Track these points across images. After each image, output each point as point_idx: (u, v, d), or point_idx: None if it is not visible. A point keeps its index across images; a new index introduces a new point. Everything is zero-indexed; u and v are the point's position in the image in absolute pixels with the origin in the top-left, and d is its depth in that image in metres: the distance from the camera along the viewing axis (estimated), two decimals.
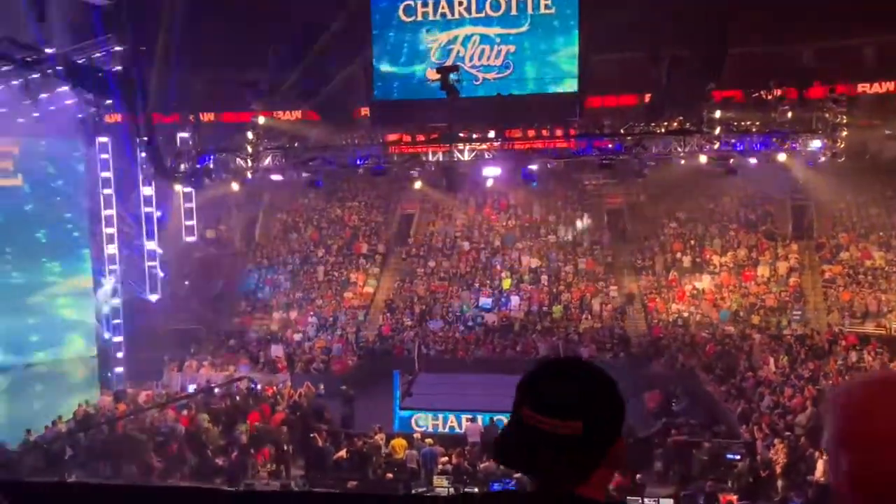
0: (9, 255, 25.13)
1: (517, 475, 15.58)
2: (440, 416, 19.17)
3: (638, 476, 14.86)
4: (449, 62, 27.42)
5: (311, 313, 28.68)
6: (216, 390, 21.31)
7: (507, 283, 29.39)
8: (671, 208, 31.54)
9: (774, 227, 29.95)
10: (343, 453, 17.19)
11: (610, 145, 24.51)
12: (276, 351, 24.65)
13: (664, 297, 28.09)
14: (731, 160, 23.41)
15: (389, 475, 16.25)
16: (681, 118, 24.30)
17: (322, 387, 21.68)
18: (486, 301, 28.60)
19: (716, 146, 23.11)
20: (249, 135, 24.86)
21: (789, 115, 22.89)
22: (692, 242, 30.08)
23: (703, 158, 23.56)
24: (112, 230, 25.67)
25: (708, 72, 25.37)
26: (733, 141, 23.12)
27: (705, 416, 19.10)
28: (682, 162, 24.65)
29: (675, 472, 16.40)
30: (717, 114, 23.49)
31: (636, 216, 31.93)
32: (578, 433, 1.62)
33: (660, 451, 17.22)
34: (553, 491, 1.65)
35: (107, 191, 25.57)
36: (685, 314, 27.19)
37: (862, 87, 25.45)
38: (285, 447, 17.85)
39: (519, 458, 1.68)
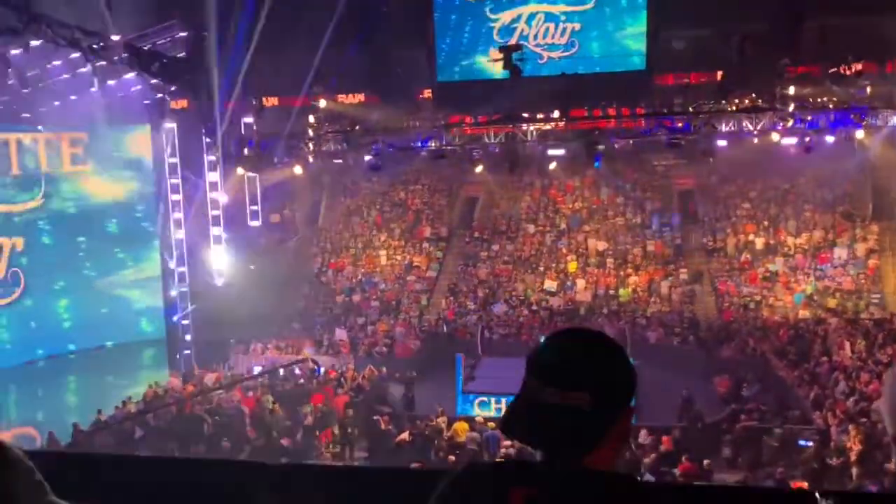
0: (81, 242, 25.74)
1: None
2: (503, 399, 18.79)
3: (706, 462, 14.36)
4: (512, 41, 27.01)
5: (374, 297, 28.65)
6: (280, 372, 21.44)
7: (572, 267, 28.84)
8: (743, 189, 30.50)
9: (853, 208, 28.66)
10: (405, 436, 17.06)
11: (679, 124, 23.76)
12: (340, 334, 24.67)
13: (735, 280, 27.20)
14: (807, 138, 22.42)
15: (451, 458, 16.05)
16: (753, 95, 23.43)
17: (384, 370, 21.61)
18: (550, 284, 28.10)
19: (789, 124, 22.19)
20: (311, 119, 24.87)
21: (868, 90, 21.86)
22: (765, 224, 29.05)
23: (775, 136, 22.67)
24: (179, 215, 26.05)
25: (782, 47, 24.43)
26: (808, 118, 22.19)
27: (776, 401, 18.38)
28: (755, 141, 23.78)
29: (745, 458, 15.88)
30: (792, 90, 22.57)
31: (707, 197, 30.97)
32: (586, 405, 1.59)
33: (728, 436, 16.73)
34: (559, 463, 1.61)
35: (173, 176, 25.95)
36: (757, 297, 26.27)
37: None
38: (348, 429, 17.80)
39: (525, 430, 1.66)
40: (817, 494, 1.57)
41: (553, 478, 1.60)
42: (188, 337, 24.54)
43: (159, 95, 25.91)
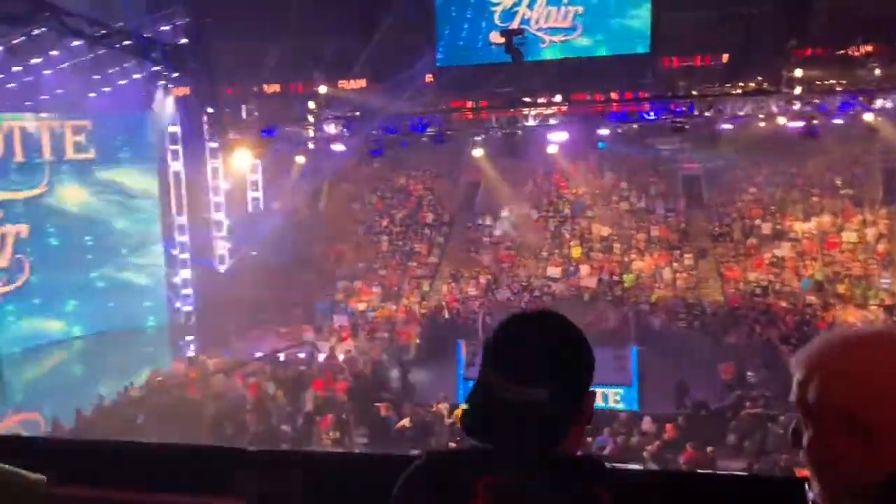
0: (84, 229, 25.71)
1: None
2: None
3: (709, 449, 14.23)
4: (514, 25, 26.76)
5: (376, 283, 28.56)
6: (281, 357, 21.43)
7: (576, 252, 28.68)
8: (750, 173, 30.21)
9: (862, 192, 28.37)
10: (406, 422, 16.99)
11: (683, 108, 23.53)
12: (341, 320, 24.62)
13: (742, 266, 26.98)
14: (814, 121, 22.16)
15: (452, 444, 15.97)
16: (759, 78, 23.17)
17: (385, 356, 21.52)
18: (554, 271, 27.95)
19: (796, 107, 21.94)
20: (312, 105, 24.71)
21: (877, 72, 21.58)
22: (772, 208, 28.78)
23: (782, 120, 22.43)
24: (181, 202, 26.04)
25: (789, 29, 24.15)
26: (816, 101, 21.91)
27: (783, 388, 18.13)
28: (762, 124, 23.52)
29: (749, 445, 15.73)
30: (799, 73, 22.26)
31: (712, 182, 30.72)
32: (544, 398, 1.54)
33: (733, 423, 16.52)
34: (525, 452, 1.56)
35: (175, 163, 25.89)
36: (764, 283, 26.05)
37: None
38: (346, 415, 17.76)
39: (488, 430, 1.60)
40: (807, 484, 1.46)
41: (519, 465, 1.55)
42: (190, 323, 24.52)
43: (161, 82, 25.82)
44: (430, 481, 1.61)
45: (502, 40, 24.06)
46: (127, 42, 23.12)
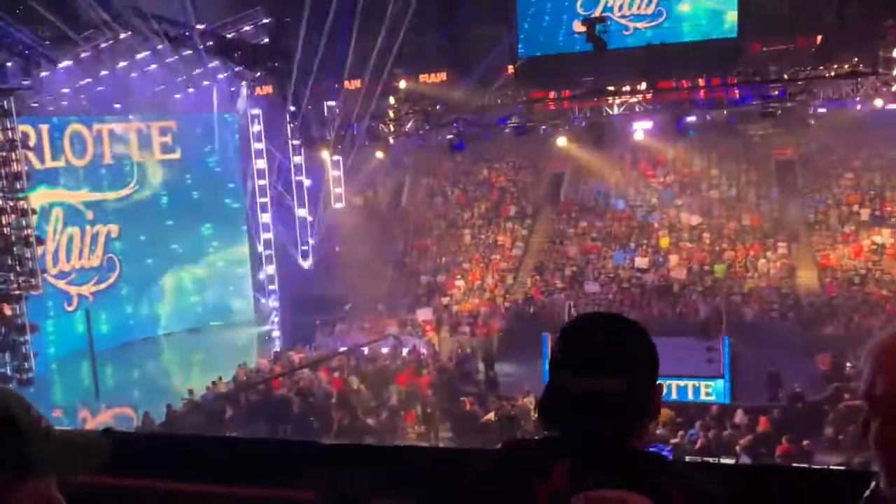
0: (172, 227, 26.42)
1: (674, 441, 14.74)
2: None
3: (805, 442, 13.57)
4: (596, 13, 26.20)
5: (459, 276, 28.41)
6: (365, 351, 21.48)
7: (664, 242, 27.86)
8: (846, 158, 28.85)
9: None
10: (491, 416, 16.76)
11: (774, 93, 22.56)
12: (425, 314, 24.56)
13: (839, 254, 25.73)
14: None
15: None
16: (854, 60, 22.04)
17: (469, 350, 21.33)
18: (641, 261, 27.23)
19: (893, 88, 20.75)
20: (392, 100, 24.71)
21: None
22: (871, 194, 27.40)
23: (878, 102, 21.28)
24: (266, 199, 26.47)
25: (885, 7, 22.86)
26: None
27: None
28: (858, 107, 22.43)
29: (848, 438, 14.92)
30: (895, 53, 21.06)
31: (807, 168, 29.43)
32: (622, 391, 1.61)
33: (831, 416, 15.84)
34: (600, 443, 1.63)
35: (260, 161, 26.33)
36: (862, 271, 24.78)
37: None
38: (430, 409, 17.67)
39: (565, 420, 1.67)
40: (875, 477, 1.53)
41: (595, 454, 1.61)
42: (276, 318, 24.90)
43: (244, 82, 26.30)
44: (506, 467, 1.69)
45: (584, 29, 23.52)
46: (210, 43, 23.64)
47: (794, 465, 12.48)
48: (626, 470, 1.60)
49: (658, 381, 1.71)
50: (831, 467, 11.75)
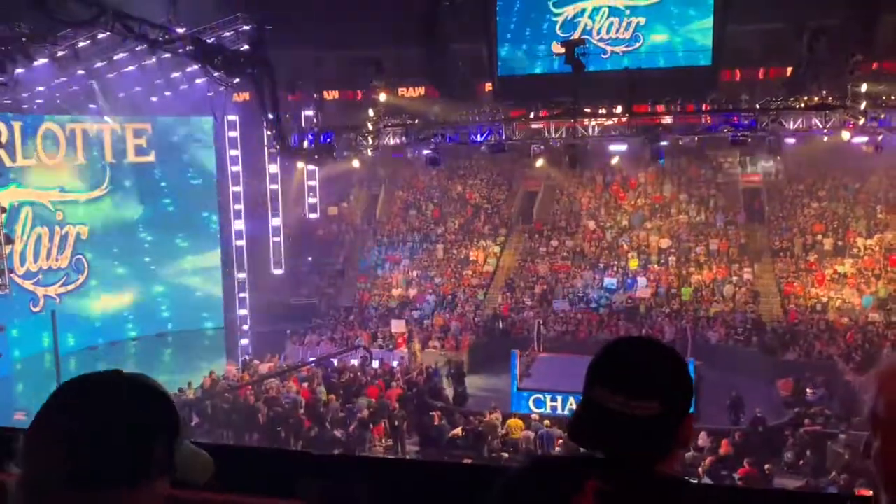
0: (143, 231, 26.20)
1: None
2: (559, 397, 18.46)
3: (766, 466, 13.85)
4: (575, 36, 26.52)
5: (430, 291, 28.53)
6: (335, 362, 21.45)
7: (633, 264, 28.29)
8: (812, 188, 29.53)
9: None
10: (458, 431, 16.86)
11: (745, 121, 23.02)
12: (398, 326, 24.61)
13: (803, 282, 26.33)
14: (879, 136, 21.49)
15: (505, 455, 15.80)
16: (823, 92, 22.57)
17: (438, 364, 21.43)
18: (610, 281, 27.61)
19: (861, 122, 21.27)
20: (371, 112, 24.77)
21: None
22: (835, 224, 28.09)
23: (846, 135, 21.81)
24: (239, 206, 26.36)
25: (855, 42, 23.46)
26: (881, 116, 21.22)
27: (842, 406, 17.70)
28: (825, 139, 22.94)
29: (807, 463, 15.28)
30: (864, 87, 21.60)
31: (774, 196, 30.05)
32: (655, 414, 1.61)
33: (791, 441, 16.18)
34: (629, 465, 1.63)
35: (235, 168, 26.24)
36: (825, 299, 25.37)
37: None
38: (397, 423, 17.70)
39: (595, 438, 1.67)
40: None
41: (625, 477, 1.62)
42: (245, 327, 24.76)
43: (222, 88, 26.18)
44: (538, 480, 1.69)
45: (563, 50, 23.82)
46: (189, 47, 23.52)
47: (807, 491, 12.73)
48: (653, 491, 1.62)
49: (691, 412, 1.70)
50: (830, 491, 12.05)
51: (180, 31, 22.90)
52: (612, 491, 1.58)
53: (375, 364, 21.60)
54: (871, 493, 1.52)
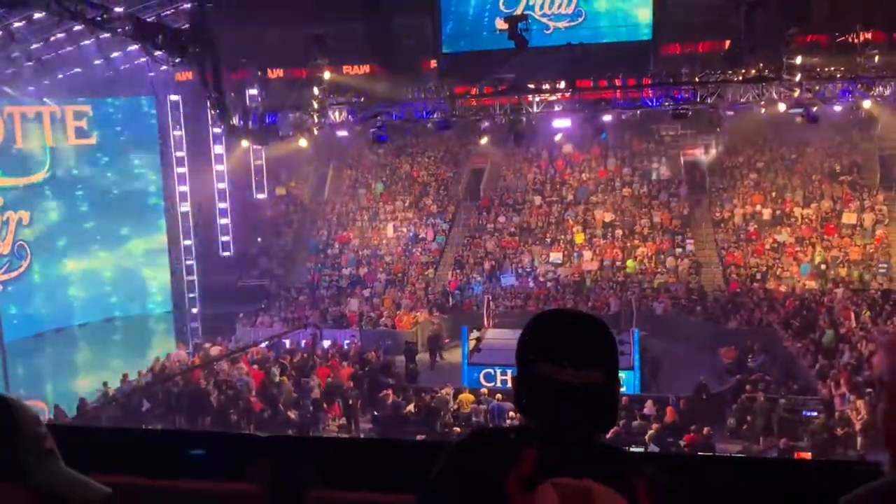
0: (87, 215, 25.74)
1: None
2: (508, 371, 18.81)
3: (705, 430, 14.37)
4: (518, 11, 26.67)
5: (381, 269, 28.66)
6: (286, 343, 21.45)
7: (579, 238, 28.76)
8: (751, 159, 30.29)
9: (860, 178, 28.42)
10: (411, 408, 17.13)
11: (685, 95, 23.49)
12: (352, 305, 24.70)
13: (743, 251, 27.06)
14: (814, 108, 22.16)
15: (457, 430, 16.11)
16: (760, 65, 23.13)
17: (389, 342, 21.64)
18: (557, 256, 28.05)
19: (796, 94, 21.90)
20: (316, 90, 24.64)
21: (876, 59, 21.55)
22: (773, 194, 28.84)
23: (782, 107, 22.44)
24: (185, 188, 26.07)
25: (791, 16, 24.08)
26: (816, 88, 21.86)
27: (782, 372, 18.40)
28: (763, 111, 23.54)
29: (749, 428, 15.88)
30: (799, 60, 22.23)
31: (714, 167, 30.75)
32: (600, 382, 1.68)
33: (733, 407, 16.77)
34: (572, 434, 1.69)
35: (179, 151, 25.91)
36: (764, 268, 26.16)
37: None
38: (352, 401, 17.86)
39: (544, 409, 1.70)
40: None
41: (562, 444, 1.67)
42: (195, 310, 24.61)
43: (164, 68, 25.72)
44: (476, 452, 1.71)
45: (506, 26, 23.95)
46: (129, 27, 23.04)
47: (747, 455, 13.21)
48: (593, 460, 1.66)
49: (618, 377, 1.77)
50: (775, 457, 12.50)
51: (119, 10, 22.41)
52: (552, 459, 1.63)
53: (326, 343, 21.65)
54: (809, 455, 1.75)
